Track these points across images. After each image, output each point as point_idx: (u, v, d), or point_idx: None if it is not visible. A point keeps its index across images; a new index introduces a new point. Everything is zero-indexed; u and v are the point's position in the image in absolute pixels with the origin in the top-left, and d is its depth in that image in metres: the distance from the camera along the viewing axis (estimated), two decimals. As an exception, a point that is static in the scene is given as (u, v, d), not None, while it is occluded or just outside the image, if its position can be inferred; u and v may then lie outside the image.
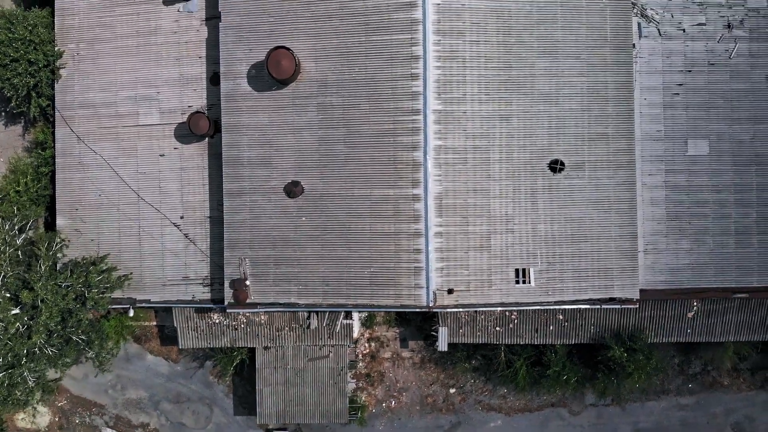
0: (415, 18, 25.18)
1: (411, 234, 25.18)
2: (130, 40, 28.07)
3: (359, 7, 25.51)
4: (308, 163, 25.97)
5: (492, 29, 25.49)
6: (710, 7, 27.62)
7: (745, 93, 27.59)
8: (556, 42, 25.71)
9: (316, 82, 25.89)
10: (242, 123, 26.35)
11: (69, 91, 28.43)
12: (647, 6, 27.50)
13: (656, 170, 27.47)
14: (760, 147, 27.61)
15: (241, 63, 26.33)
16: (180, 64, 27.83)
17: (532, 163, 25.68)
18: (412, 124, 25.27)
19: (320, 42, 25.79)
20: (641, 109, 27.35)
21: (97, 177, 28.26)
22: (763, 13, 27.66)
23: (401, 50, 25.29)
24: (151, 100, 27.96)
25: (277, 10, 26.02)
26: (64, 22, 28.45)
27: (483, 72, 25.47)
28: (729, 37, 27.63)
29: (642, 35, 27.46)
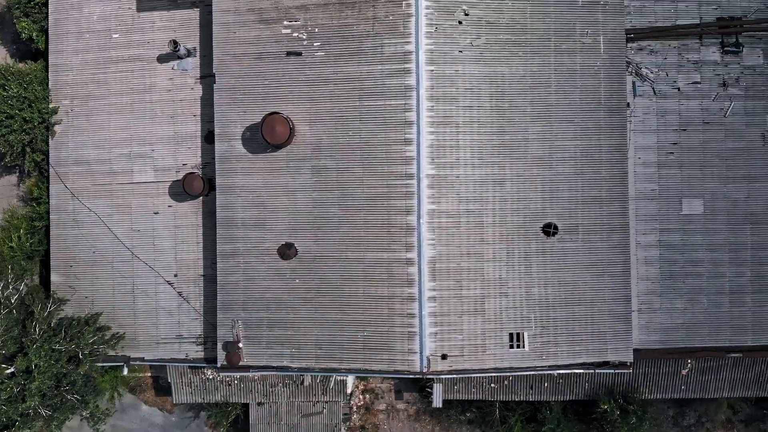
0: (409, 84, 25.18)
1: (404, 298, 25.17)
2: (124, 97, 28.09)
3: (353, 72, 25.52)
4: (302, 226, 25.97)
5: (485, 94, 25.50)
6: (705, 65, 27.62)
7: (740, 151, 27.58)
8: (549, 106, 25.71)
9: (311, 145, 25.90)
10: (236, 184, 26.35)
11: (63, 147, 28.45)
12: (642, 65, 27.51)
13: (650, 229, 27.46)
14: (755, 205, 27.59)
15: (236, 125, 26.33)
16: (174, 122, 27.85)
17: (525, 227, 25.67)
18: (405, 188, 25.27)
19: (315, 106, 25.80)
20: (635, 168, 27.35)
21: (91, 234, 28.27)
22: (759, 71, 27.65)
23: (395, 115, 25.29)
24: (146, 158, 27.97)
25: (272, 73, 26.02)
26: (58, 78, 28.48)
27: (476, 136, 25.47)
28: (724, 96, 27.63)
29: (637, 94, 27.47)
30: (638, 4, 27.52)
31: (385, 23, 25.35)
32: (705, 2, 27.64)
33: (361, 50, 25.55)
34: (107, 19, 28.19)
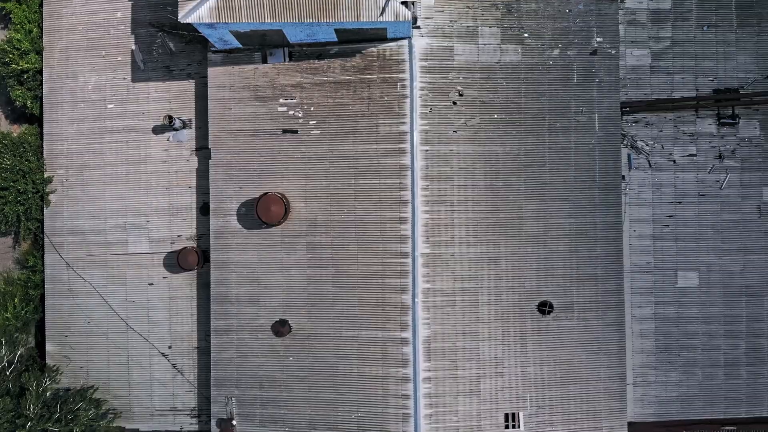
0: (404, 164, 25.17)
1: (399, 379, 25.14)
2: (119, 167, 28.06)
3: (349, 150, 25.51)
4: (296, 302, 25.93)
5: (480, 173, 25.49)
6: (701, 137, 27.62)
7: (735, 224, 27.57)
8: (543, 184, 25.70)
9: (306, 222, 25.88)
10: (231, 260, 26.32)
11: (58, 217, 28.41)
12: (637, 137, 27.51)
13: (646, 302, 27.44)
14: (751, 278, 27.58)
15: (231, 200, 26.31)
16: (170, 194, 27.81)
17: (521, 305, 25.65)
18: (400, 267, 25.24)
19: (310, 183, 25.79)
20: (631, 241, 27.33)
21: (86, 304, 28.23)
22: (755, 142, 27.66)
23: (390, 194, 25.27)
24: (141, 229, 27.94)
25: (268, 149, 26.02)
26: (53, 147, 28.44)
27: (471, 215, 25.45)
28: (720, 168, 27.63)
29: (632, 167, 27.46)
30: (634, 76, 27.52)
31: (380, 103, 25.34)
32: (701, 74, 27.67)
33: (356, 129, 25.55)
34: (102, 88, 28.14)
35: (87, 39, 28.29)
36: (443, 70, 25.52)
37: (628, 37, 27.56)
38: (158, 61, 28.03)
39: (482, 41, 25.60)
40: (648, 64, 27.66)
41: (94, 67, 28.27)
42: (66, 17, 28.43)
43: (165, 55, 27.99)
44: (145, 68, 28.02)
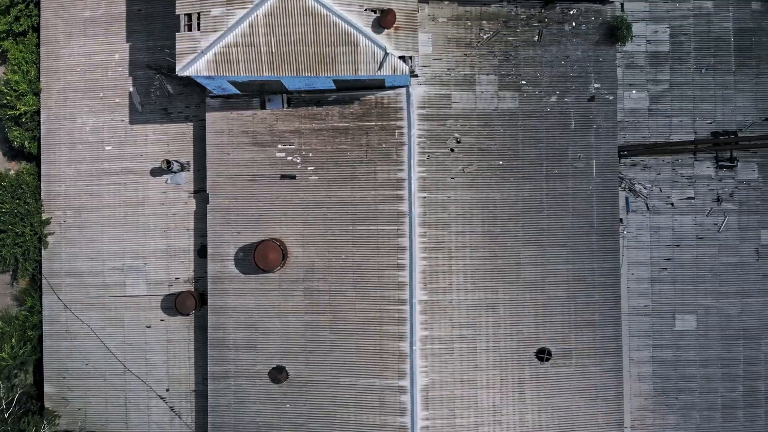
0: (402, 211, 25.17)
1: (397, 428, 25.12)
2: (117, 209, 28.05)
3: (347, 196, 25.51)
4: (294, 349, 25.93)
5: (477, 219, 25.49)
6: (699, 180, 27.62)
7: (733, 267, 27.56)
8: (541, 231, 25.70)
9: (303, 267, 25.87)
10: (228, 305, 26.31)
11: (56, 258, 28.39)
12: (635, 180, 27.50)
13: (643, 345, 27.43)
14: (748, 320, 27.57)
15: (229, 245, 26.30)
16: (167, 236, 27.80)
17: (519, 352, 25.64)
18: (398, 314, 25.24)
19: (308, 228, 25.78)
20: (629, 284, 27.32)
21: (84, 346, 28.21)
22: (753, 185, 27.66)
23: (388, 240, 25.27)
24: (138, 271, 27.92)
25: (266, 195, 26.01)
26: (51, 188, 28.43)
27: (469, 261, 25.45)
28: (718, 211, 27.63)
29: (630, 210, 27.45)
30: (632, 119, 27.52)
31: (378, 150, 25.35)
32: (700, 116, 27.68)
33: (354, 175, 25.55)
34: (100, 130, 28.14)
35: (85, 80, 28.28)
36: (441, 117, 25.53)
37: (626, 80, 27.56)
38: (156, 104, 28.02)
39: (480, 88, 25.61)
40: (646, 107, 27.66)
41: (92, 108, 28.26)
42: (64, 58, 28.42)
43: (163, 98, 27.98)
44: (143, 110, 28.01)
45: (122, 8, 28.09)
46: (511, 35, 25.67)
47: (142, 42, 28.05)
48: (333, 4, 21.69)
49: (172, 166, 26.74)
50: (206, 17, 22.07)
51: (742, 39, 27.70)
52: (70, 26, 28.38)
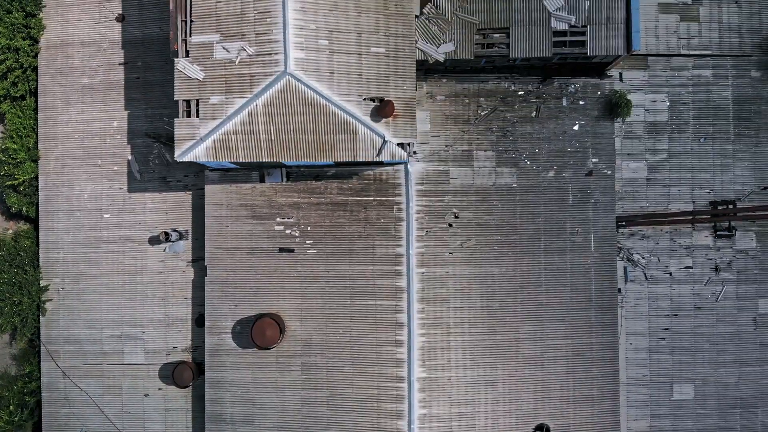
0: (400, 286, 25.17)
1: (394, 504, 25.13)
2: (115, 277, 28.03)
3: (345, 271, 25.51)
4: (291, 424, 25.90)
5: (476, 295, 25.50)
6: (698, 249, 27.64)
7: (730, 336, 27.58)
8: (540, 306, 25.71)
9: (301, 342, 25.86)
10: (226, 379, 26.29)
11: (54, 325, 28.37)
12: (634, 250, 27.52)
13: (641, 415, 27.45)
14: (745, 390, 27.60)
15: (226, 318, 26.28)
16: (165, 305, 27.78)
17: (517, 429, 25.64)
18: (396, 392, 25.22)
19: (306, 302, 25.77)
20: (627, 354, 27.34)
21: (82, 413, 28.18)
22: (751, 254, 27.69)
23: (386, 316, 25.26)
24: (137, 340, 27.91)
25: (264, 268, 26.00)
26: (49, 255, 28.40)
27: (467, 338, 25.45)
28: (716, 280, 27.65)
29: (628, 280, 27.47)
30: (630, 188, 27.55)
31: (376, 225, 25.34)
32: (698, 185, 27.71)
33: (352, 250, 25.54)
34: (98, 198, 28.12)
35: (83, 147, 28.26)
36: (439, 193, 25.54)
37: (625, 150, 27.59)
38: (155, 172, 28.01)
39: (477, 164, 25.62)
40: (644, 177, 27.69)
41: (90, 176, 28.24)
42: (62, 125, 28.40)
43: (162, 166, 27.96)
44: (141, 179, 28.00)
45: (120, 76, 28.07)
46: (509, 111, 25.68)
47: (141, 110, 28.03)
48: (332, 94, 21.69)
49: (170, 237, 26.72)
50: (205, 104, 22.07)
51: (741, 107, 27.75)
52: (68, 93, 28.35)
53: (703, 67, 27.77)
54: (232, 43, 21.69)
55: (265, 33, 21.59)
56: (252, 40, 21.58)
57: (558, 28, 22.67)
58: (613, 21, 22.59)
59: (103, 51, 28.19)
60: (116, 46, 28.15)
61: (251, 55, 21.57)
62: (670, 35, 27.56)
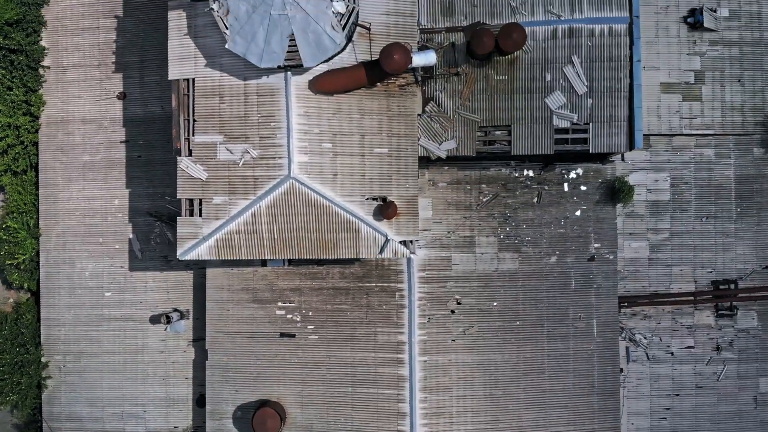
0: (402, 375, 25.15)
1: None
2: (116, 356, 27.99)
3: (346, 357, 25.49)
4: None
5: (479, 383, 25.47)
6: (699, 329, 27.65)
7: (732, 415, 27.60)
8: (543, 392, 25.69)
9: (302, 430, 25.81)
10: (228, 463, 26.27)
11: (56, 402, 28.32)
12: (635, 330, 27.53)
13: (643, 496, 27.47)
14: (746, 469, 27.64)
15: (227, 403, 26.23)
16: (167, 384, 27.75)
17: None
18: (398, 479, 25.22)
19: (307, 389, 25.73)
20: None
21: (83, 492, 28.17)
22: (753, 333, 27.71)
23: (388, 405, 25.23)
24: (138, 418, 27.87)
25: (265, 353, 25.96)
26: (50, 333, 28.35)
27: (470, 427, 25.43)
28: (718, 359, 27.66)
29: (630, 359, 27.48)
30: (632, 268, 27.55)
31: (378, 312, 25.32)
32: (700, 265, 27.72)
33: (354, 336, 25.52)
34: (100, 276, 28.08)
35: (84, 225, 28.22)
36: (441, 279, 25.52)
37: (627, 230, 27.59)
38: (156, 251, 27.96)
39: (480, 250, 25.61)
40: (646, 257, 27.69)
41: (92, 253, 28.20)
42: (62, 202, 28.35)
43: (163, 245, 27.92)
44: (142, 257, 27.95)
45: (122, 154, 28.03)
46: (511, 197, 25.68)
47: (142, 188, 27.99)
48: (335, 196, 21.68)
49: (171, 319, 26.68)
50: (208, 204, 22.03)
51: (743, 186, 27.76)
52: (69, 170, 28.30)
53: (705, 146, 27.78)
54: (235, 145, 21.67)
55: (269, 137, 21.57)
56: (256, 143, 21.56)
57: (560, 125, 22.65)
58: (615, 119, 22.59)
59: (105, 128, 28.14)
60: (117, 124, 28.10)
61: (255, 158, 21.54)
62: (673, 115, 27.57)
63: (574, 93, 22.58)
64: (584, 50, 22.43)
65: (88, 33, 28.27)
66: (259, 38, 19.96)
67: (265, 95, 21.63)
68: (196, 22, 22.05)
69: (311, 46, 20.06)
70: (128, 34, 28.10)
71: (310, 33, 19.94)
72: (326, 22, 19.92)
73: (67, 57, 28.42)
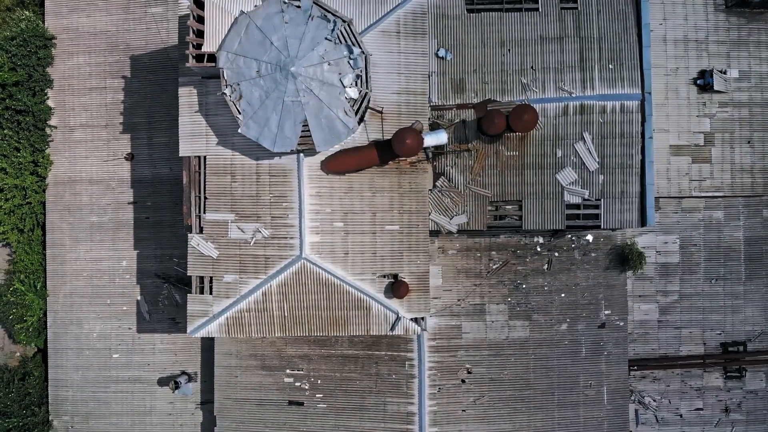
0: None
1: None
2: (124, 417, 27.89)
3: (356, 427, 25.43)
4: None
5: None
6: (708, 391, 27.59)
7: (741, 477, 27.54)
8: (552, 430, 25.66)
9: (312, 495, 25.72)
10: None
11: (63, 464, 28.22)
12: (645, 393, 27.46)
13: None
14: None
15: (236, 470, 26.14)
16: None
17: None
18: None
19: (316, 456, 25.64)
20: (638, 496, 27.28)
21: None
22: (761, 395, 27.66)
23: (398, 473, 25.14)
24: (146, 481, 27.76)
25: (273, 420, 25.87)
26: (58, 393, 28.23)
27: (480, 494, 25.34)
28: (726, 421, 27.60)
29: (639, 422, 27.42)
30: (641, 331, 27.50)
31: (388, 381, 25.22)
32: (709, 327, 27.65)
33: (363, 406, 25.41)
34: (107, 337, 27.97)
35: (92, 286, 28.12)
36: (452, 348, 25.44)
37: (636, 292, 27.53)
38: (164, 313, 27.87)
39: (490, 318, 25.53)
40: (656, 319, 27.63)
41: (99, 315, 28.10)
42: (70, 262, 28.25)
43: (171, 307, 27.82)
44: (150, 319, 27.85)
45: (129, 215, 27.95)
46: (521, 264, 25.61)
47: (150, 250, 27.89)
48: (346, 275, 21.60)
49: (179, 385, 26.57)
50: (219, 282, 21.93)
51: (752, 248, 27.72)
52: (76, 230, 28.21)
53: (714, 208, 27.73)
54: (247, 224, 21.57)
55: (280, 216, 21.49)
56: (267, 223, 21.48)
57: (571, 201, 22.58)
58: (627, 195, 22.53)
59: (112, 189, 28.06)
60: (125, 185, 28.02)
61: (266, 237, 21.46)
62: (682, 177, 27.53)
63: (585, 169, 22.52)
64: (596, 127, 22.36)
65: (96, 93, 28.17)
66: (272, 124, 19.88)
67: (278, 175, 21.55)
68: (207, 99, 21.95)
69: (324, 131, 19.98)
70: (136, 94, 28.01)
71: (323, 118, 19.87)
72: (339, 107, 19.84)
73: (74, 117, 28.33)
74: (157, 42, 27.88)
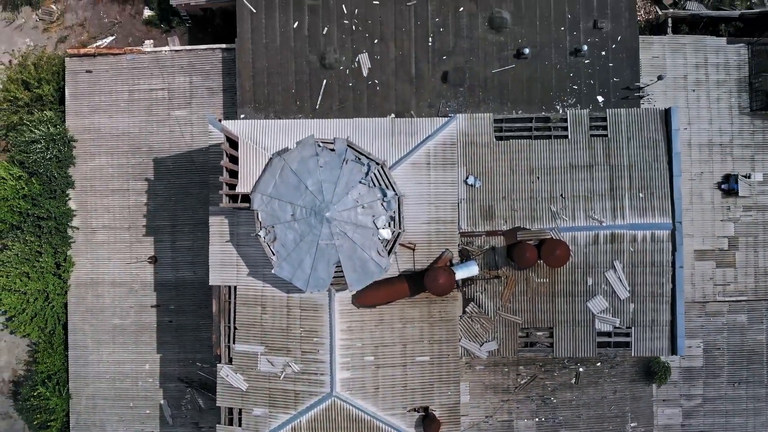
0: None
1: None
2: None
3: None
4: None
5: None
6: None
7: None
8: None
9: None
10: None
11: None
12: (669, 497, 27.41)
13: None
14: None
15: None
16: None
17: None
18: None
19: None
20: None
21: None
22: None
23: None
24: None
25: None
26: (80, 495, 28.13)
27: None
28: None
29: None
30: (666, 435, 27.39)
31: (414, 497, 25.07)
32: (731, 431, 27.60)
33: None
34: (129, 445, 27.86)
35: (114, 389, 28.01)
36: (478, 463, 25.36)
37: (660, 396, 27.47)
38: (187, 417, 27.77)
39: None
40: (679, 423, 27.58)
41: (122, 417, 28.00)
42: (93, 364, 28.17)
43: (194, 411, 27.73)
44: (173, 423, 27.76)
45: (152, 318, 27.86)
46: (549, 379, 25.57)
47: (173, 354, 27.80)
48: (377, 410, 21.53)
49: (204, 494, 26.48)
50: (248, 415, 21.85)
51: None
52: (98, 332, 28.10)
53: (738, 312, 27.71)
54: (277, 358, 21.51)
55: (311, 352, 21.43)
56: (297, 357, 21.41)
57: (602, 329, 22.55)
58: (657, 324, 22.50)
59: (135, 292, 27.97)
60: (148, 288, 27.93)
61: (296, 372, 21.39)
62: (707, 282, 27.51)
63: (616, 297, 22.49)
64: (626, 255, 22.33)
65: (118, 195, 28.09)
66: (305, 265, 19.82)
67: (308, 309, 21.50)
68: (239, 230, 21.91)
69: (357, 271, 19.94)
70: (159, 197, 27.94)
71: (356, 260, 19.82)
72: (372, 248, 19.80)
73: (96, 218, 28.25)
74: (180, 145, 27.82)
